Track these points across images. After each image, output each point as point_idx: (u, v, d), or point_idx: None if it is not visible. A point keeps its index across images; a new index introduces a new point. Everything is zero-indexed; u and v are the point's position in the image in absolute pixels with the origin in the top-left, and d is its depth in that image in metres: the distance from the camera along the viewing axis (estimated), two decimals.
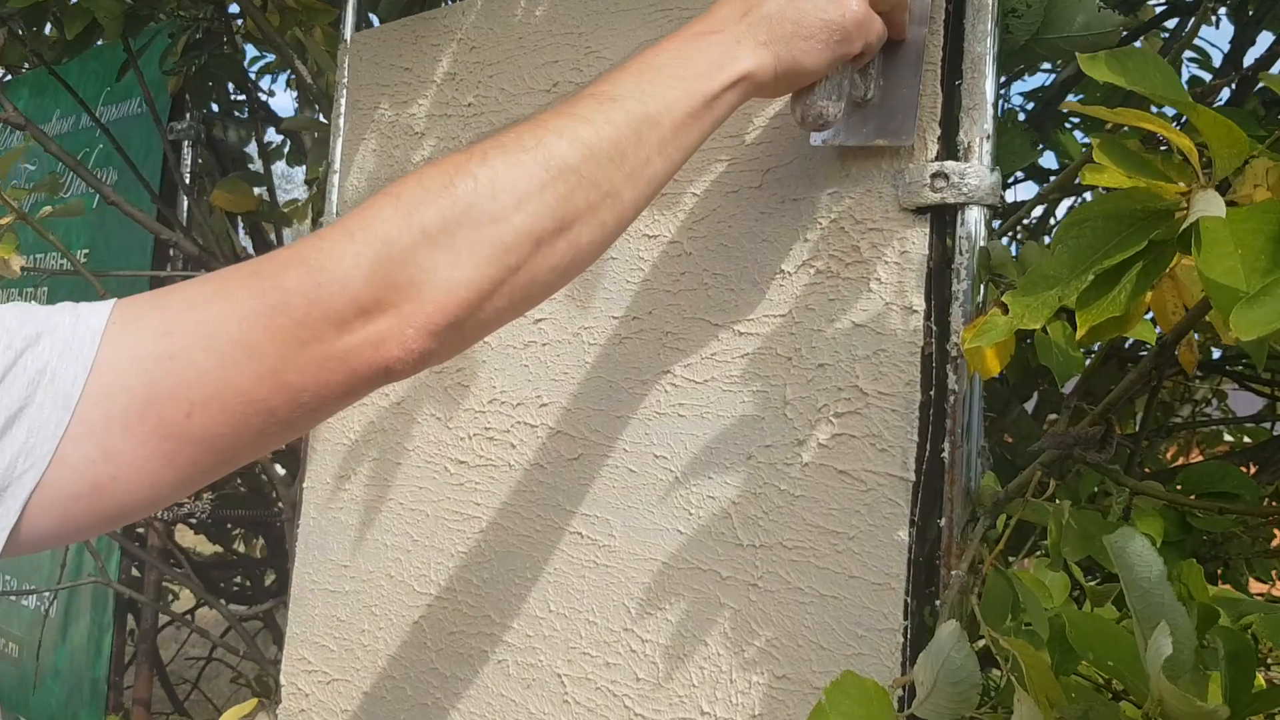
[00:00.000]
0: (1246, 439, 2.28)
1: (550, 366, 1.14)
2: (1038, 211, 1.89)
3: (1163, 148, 0.75)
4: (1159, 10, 1.75)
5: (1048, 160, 1.78)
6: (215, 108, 2.17)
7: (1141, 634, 0.64)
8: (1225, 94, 1.58)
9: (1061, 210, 1.99)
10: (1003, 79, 1.50)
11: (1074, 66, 1.24)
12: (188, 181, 1.91)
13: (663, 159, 0.74)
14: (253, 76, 2.18)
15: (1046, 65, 1.63)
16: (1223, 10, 1.68)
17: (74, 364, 0.59)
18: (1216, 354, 1.78)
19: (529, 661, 1.12)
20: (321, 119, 1.61)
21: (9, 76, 2.50)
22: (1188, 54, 1.83)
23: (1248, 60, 1.62)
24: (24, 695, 2.16)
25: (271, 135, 2.18)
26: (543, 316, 1.16)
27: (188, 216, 1.89)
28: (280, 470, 1.86)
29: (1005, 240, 1.73)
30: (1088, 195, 1.56)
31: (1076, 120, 1.70)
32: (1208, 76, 1.89)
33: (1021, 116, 1.77)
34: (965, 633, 0.74)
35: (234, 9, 1.87)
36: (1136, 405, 1.75)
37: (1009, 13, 0.96)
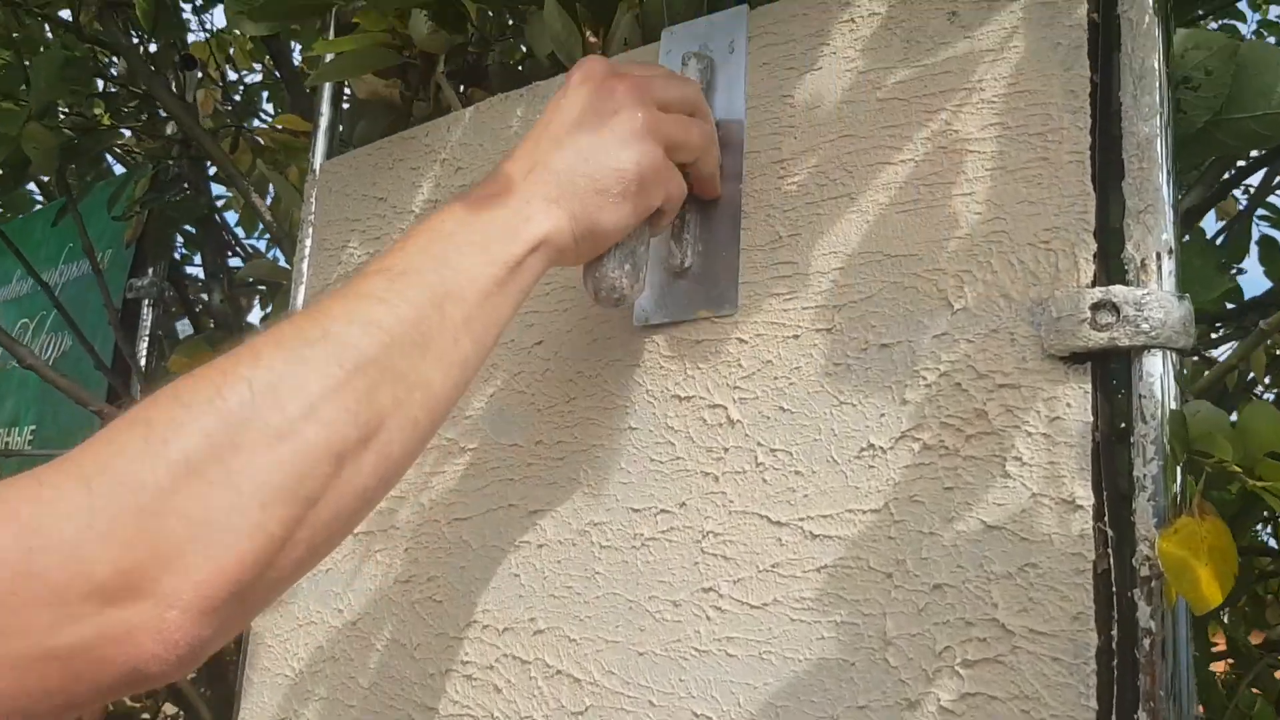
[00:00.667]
0: None
1: (549, 578, 0.84)
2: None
3: None
4: None
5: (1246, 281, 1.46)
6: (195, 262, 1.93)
7: None
8: None
9: None
10: None
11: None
12: (146, 346, 1.66)
13: (471, 339, 0.62)
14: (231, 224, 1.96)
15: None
16: None
17: None
18: None
19: None
20: (283, 264, 1.37)
21: None
22: None
23: None
24: None
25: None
26: (539, 508, 0.86)
27: (142, 388, 1.63)
28: (207, 717, 1.54)
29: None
30: None
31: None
32: None
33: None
34: None
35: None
36: None
37: (1180, 83, 0.69)
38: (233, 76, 2.90)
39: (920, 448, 0.68)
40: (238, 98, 2.70)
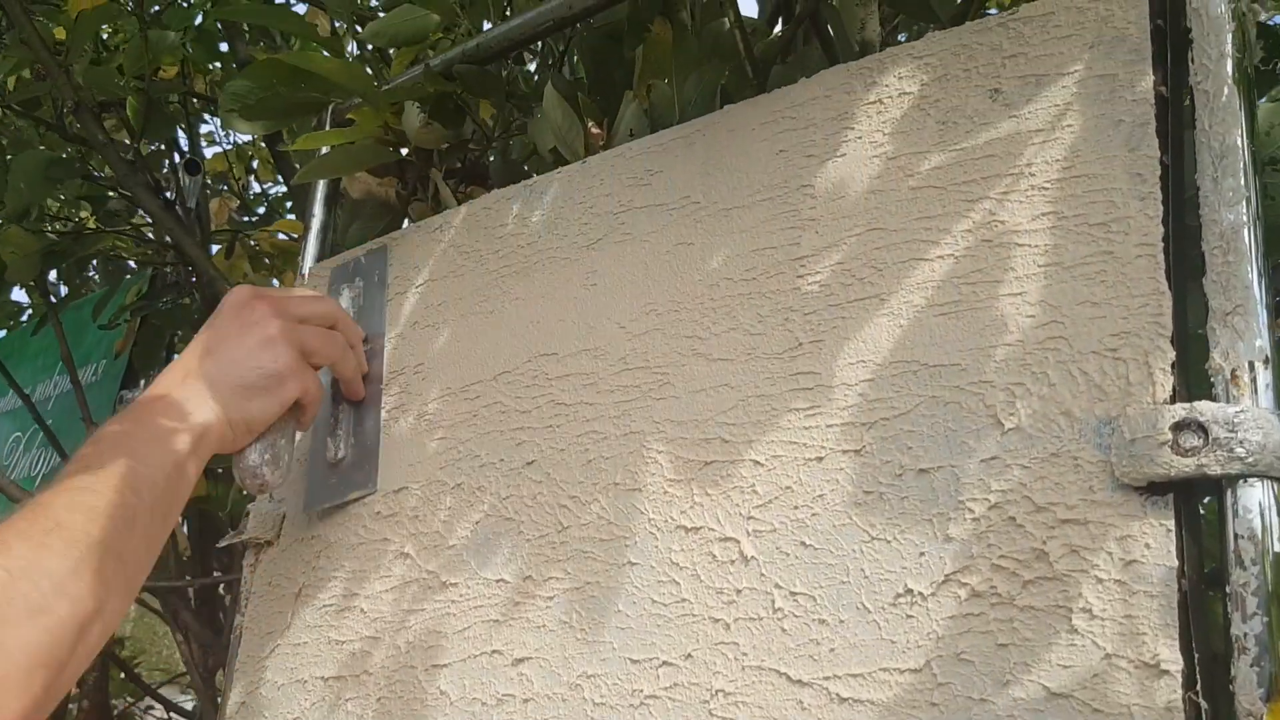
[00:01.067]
0: None
1: None
2: None
3: None
4: None
5: None
6: None
7: None
8: None
9: None
10: None
11: None
12: None
13: (161, 516, 0.73)
14: None
15: None
16: None
17: None
18: None
19: None
20: None
21: None
22: None
23: None
24: None
25: None
26: (525, 655, 0.75)
27: None
28: None
29: None
30: None
31: None
32: None
33: None
34: None
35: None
36: None
37: (1267, 164, 0.59)
38: (256, 189, 2.88)
39: (968, 594, 0.57)
40: (262, 210, 2.66)
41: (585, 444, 0.77)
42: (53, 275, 2.04)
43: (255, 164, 2.86)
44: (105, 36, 1.65)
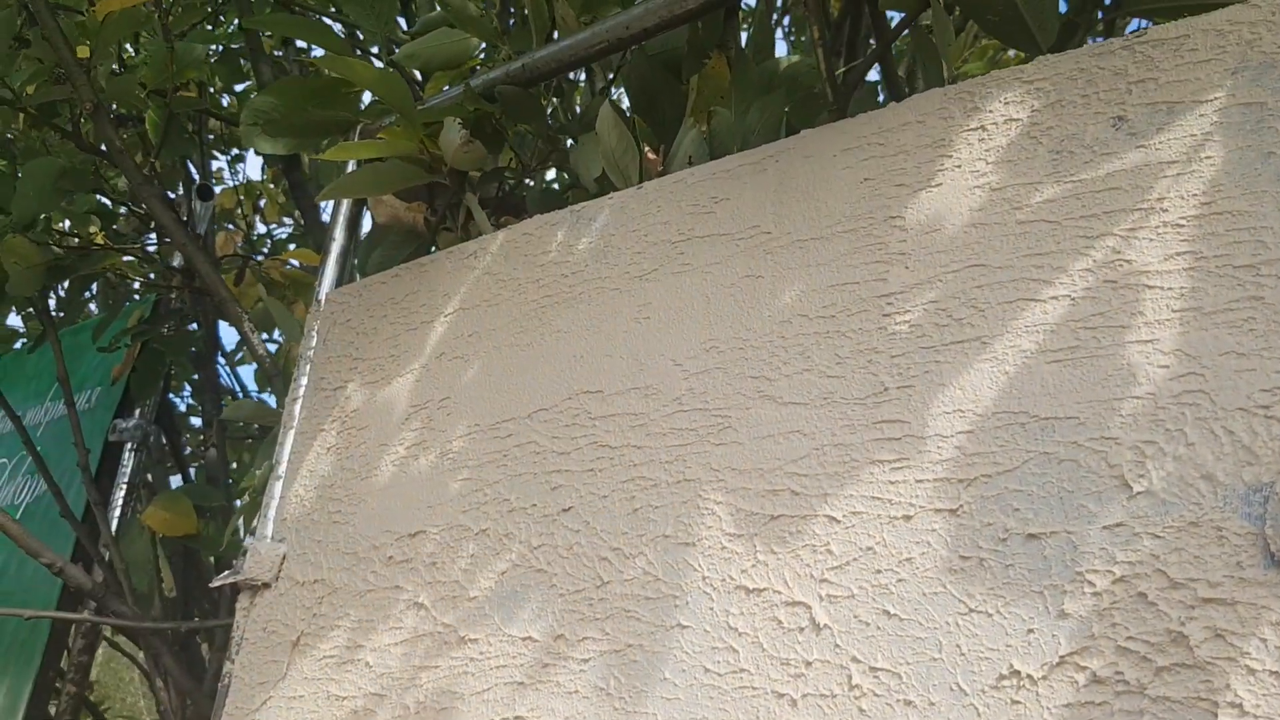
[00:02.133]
0: None
1: None
2: None
3: None
4: None
5: None
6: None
7: None
8: None
9: None
10: None
11: None
12: (123, 494, 1.48)
13: None
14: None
15: None
16: None
17: None
18: None
19: None
20: (272, 404, 1.21)
21: None
22: None
23: None
24: None
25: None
26: None
27: (112, 543, 1.44)
28: None
29: None
30: None
31: None
32: None
33: None
34: None
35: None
36: None
37: None
38: (262, 229, 2.83)
39: (1087, 680, 0.49)
40: (266, 250, 2.60)
41: (632, 491, 0.70)
42: (52, 302, 1.98)
43: (263, 202, 2.81)
44: (128, 50, 1.60)
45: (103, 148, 1.25)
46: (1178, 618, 0.48)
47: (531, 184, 1.10)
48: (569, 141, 1.09)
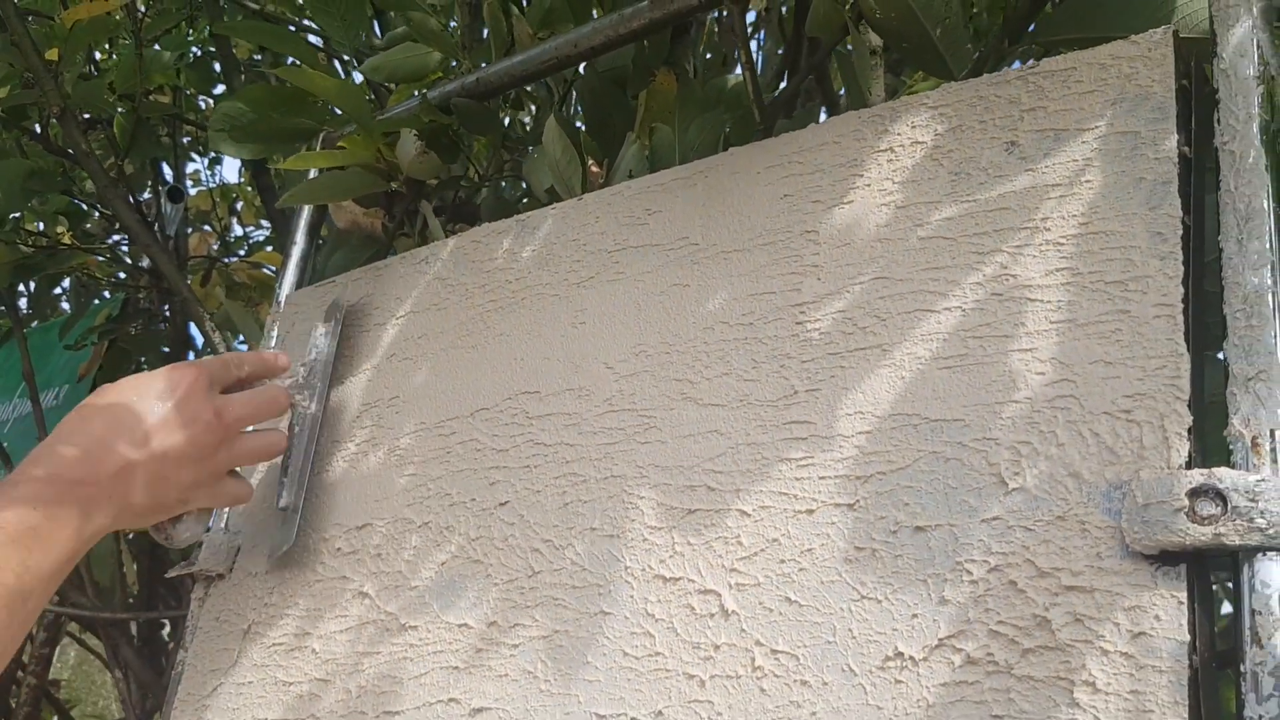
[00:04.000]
0: None
1: None
2: None
3: None
4: None
5: None
6: None
7: None
8: None
9: None
10: None
11: None
12: None
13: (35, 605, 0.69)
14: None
15: None
16: None
17: None
18: None
19: None
20: None
21: None
22: None
23: None
24: None
25: None
26: (485, 705, 0.70)
27: None
28: None
29: None
30: None
31: None
32: None
33: None
34: None
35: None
36: None
37: None
38: (239, 231, 2.85)
39: (962, 661, 0.53)
40: (243, 253, 2.63)
41: (564, 486, 0.74)
42: (23, 301, 2.00)
43: (240, 205, 2.83)
44: (98, 57, 1.63)
45: (70, 150, 1.29)
46: (1043, 604, 0.52)
47: (486, 193, 1.14)
48: (530, 150, 1.13)
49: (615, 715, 0.64)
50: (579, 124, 1.11)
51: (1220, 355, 0.53)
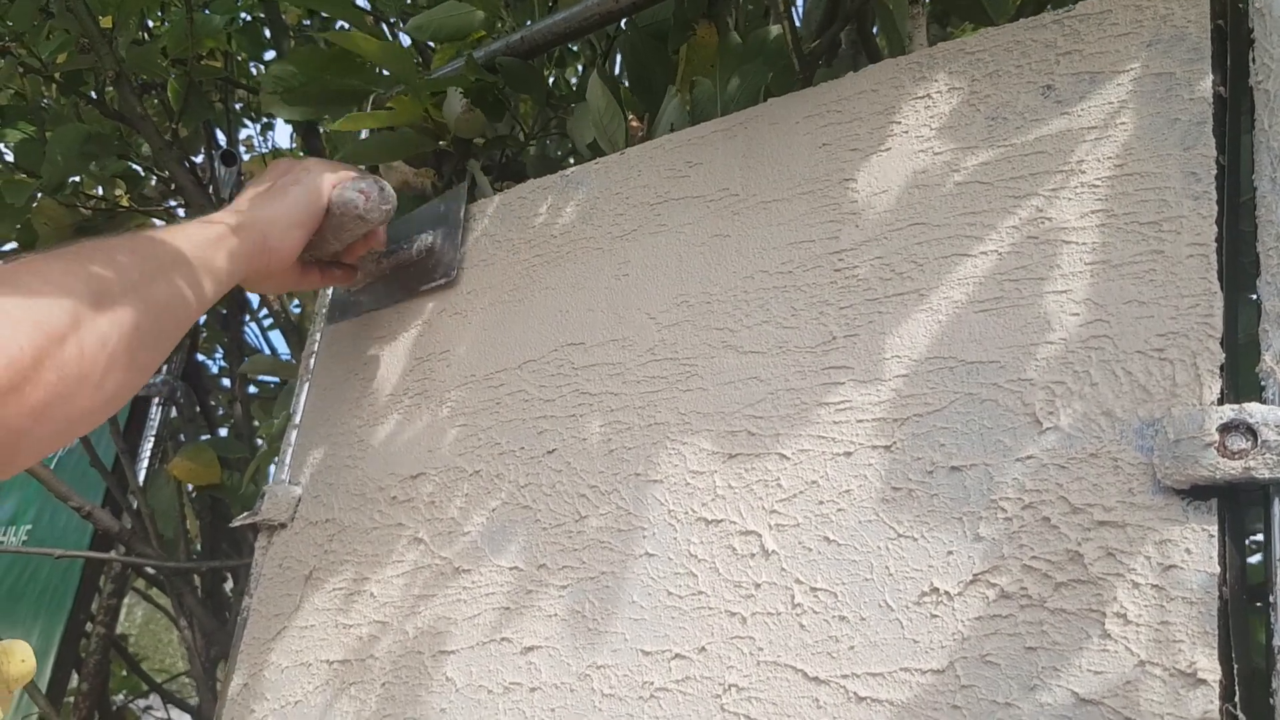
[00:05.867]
0: None
1: None
2: None
3: None
4: None
5: None
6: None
7: None
8: None
9: None
10: None
11: None
12: (151, 447, 1.56)
13: (193, 291, 0.75)
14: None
15: None
16: None
17: None
18: None
19: None
20: (290, 359, 1.27)
21: None
22: None
23: None
24: None
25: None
26: (535, 644, 0.73)
27: (144, 488, 1.52)
28: None
29: None
30: None
31: None
32: None
33: None
34: None
35: None
36: None
37: None
38: None
39: (996, 595, 0.55)
40: None
41: (608, 433, 0.76)
42: None
43: None
44: (150, 24, 1.66)
45: (126, 115, 1.32)
46: (1076, 539, 0.53)
47: (532, 151, 1.15)
48: (573, 108, 1.14)
49: (660, 651, 0.66)
50: (621, 79, 1.12)
51: (1254, 295, 0.53)
